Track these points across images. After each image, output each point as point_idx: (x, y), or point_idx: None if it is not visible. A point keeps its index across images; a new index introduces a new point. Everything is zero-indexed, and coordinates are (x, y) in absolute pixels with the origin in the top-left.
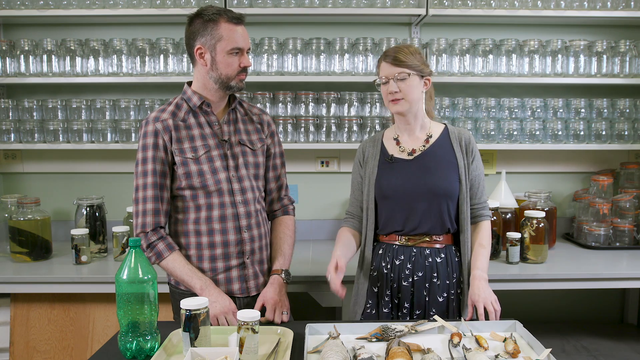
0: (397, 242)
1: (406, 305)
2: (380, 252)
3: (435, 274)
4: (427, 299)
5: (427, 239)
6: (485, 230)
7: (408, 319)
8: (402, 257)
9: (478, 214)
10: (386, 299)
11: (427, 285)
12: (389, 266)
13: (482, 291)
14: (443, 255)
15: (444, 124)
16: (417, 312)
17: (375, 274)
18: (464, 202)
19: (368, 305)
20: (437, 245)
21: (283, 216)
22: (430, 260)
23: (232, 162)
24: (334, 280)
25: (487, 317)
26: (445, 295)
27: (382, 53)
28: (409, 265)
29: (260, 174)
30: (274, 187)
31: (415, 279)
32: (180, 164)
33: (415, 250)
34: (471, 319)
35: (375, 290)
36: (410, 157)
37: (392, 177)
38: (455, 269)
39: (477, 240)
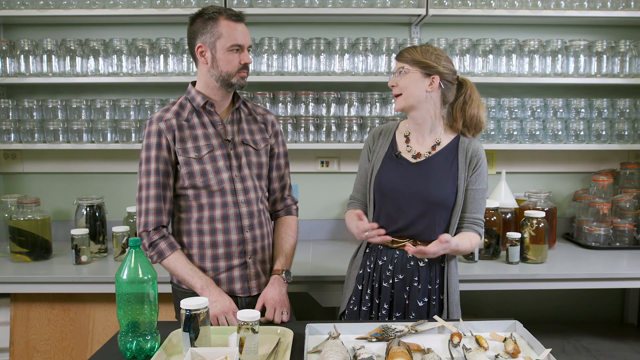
0: (381, 243)
1: (385, 306)
2: (367, 250)
3: (416, 278)
4: (407, 302)
5: (411, 243)
6: (474, 237)
7: (387, 319)
8: (385, 258)
9: (467, 227)
10: (366, 297)
11: (407, 288)
12: (372, 266)
13: (439, 247)
14: (426, 260)
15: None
16: (397, 315)
17: (361, 271)
18: (456, 215)
19: (352, 301)
20: None
21: (286, 216)
22: (412, 263)
23: (235, 161)
24: (366, 229)
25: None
26: (426, 300)
27: None
28: (390, 267)
29: (264, 174)
30: (277, 187)
31: (395, 281)
32: (183, 163)
33: (398, 253)
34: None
35: (360, 287)
36: (414, 161)
37: (392, 176)
38: (438, 275)
39: (465, 234)
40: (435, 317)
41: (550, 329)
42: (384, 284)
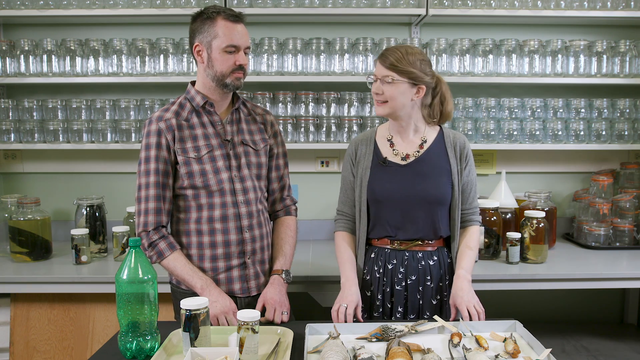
0: (388, 247)
1: (399, 309)
2: (372, 256)
3: (428, 277)
4: (421, 302)
5: (420, 243)
6: (473, 234)
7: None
8: (395, 261)
9: (468, 219)
10: (377, 303)
11: (420, 288)
12: (381, 270)
13: (465, 293)
14: (436, 258)
15: (440, 126)
16: (412, 317)
17: (368, 278)
18: (455, 209)
19: (361, 309)
20: (429, 249)
21: (285, 216)
22: (423, 263)
23: (235, 162)
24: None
25: (470, 319)
26: (438, 297)
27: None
28: (401, 269)
29: (263, 174)
30: (276, 187)
31: (408, 282)
32: (182, 163)
33: (407, 254)
34: (455, 319)
35: (368, 294)
36: (404, 163)
37: (385, 182)
38: (447, 272)
39: (464, 242)
40: (435, 317)
41: (550, 329)
42: (396, 287)
